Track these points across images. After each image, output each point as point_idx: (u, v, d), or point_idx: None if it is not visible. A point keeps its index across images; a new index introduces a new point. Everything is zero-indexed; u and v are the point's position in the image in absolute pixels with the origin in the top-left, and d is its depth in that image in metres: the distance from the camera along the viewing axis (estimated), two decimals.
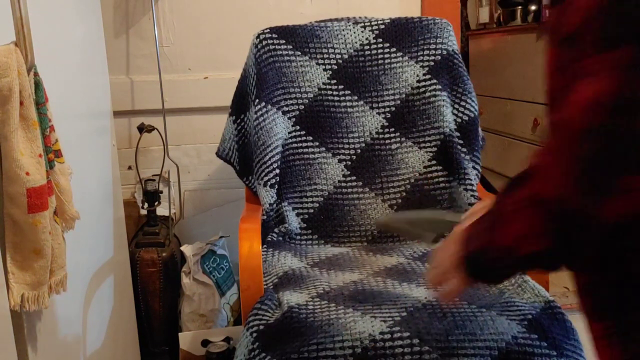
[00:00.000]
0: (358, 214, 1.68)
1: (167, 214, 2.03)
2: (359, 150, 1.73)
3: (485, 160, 1.94)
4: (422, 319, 1.18)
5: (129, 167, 2.08)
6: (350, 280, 1.36)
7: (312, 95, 1.76)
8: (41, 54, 1.11)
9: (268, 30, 1.77)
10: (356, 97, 1.77)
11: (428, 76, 1.76)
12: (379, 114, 1.76)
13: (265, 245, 1.56)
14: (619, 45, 0.60)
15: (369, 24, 1.82)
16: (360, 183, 1.71)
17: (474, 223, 0.80)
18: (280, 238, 1.62)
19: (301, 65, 1.77)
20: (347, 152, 1.73)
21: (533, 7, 2.64)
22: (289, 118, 1.74)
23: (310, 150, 1.73)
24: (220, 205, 2.15)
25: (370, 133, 1.75)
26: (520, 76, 2.78)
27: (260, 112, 1.70)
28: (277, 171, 1.68)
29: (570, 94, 0.63)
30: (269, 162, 1.67)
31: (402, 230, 1.20)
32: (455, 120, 1.74)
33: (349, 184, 1.71)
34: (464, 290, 0.87)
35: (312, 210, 1.69)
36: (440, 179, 1.68)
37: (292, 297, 1.28)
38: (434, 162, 1.70)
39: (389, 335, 1.14)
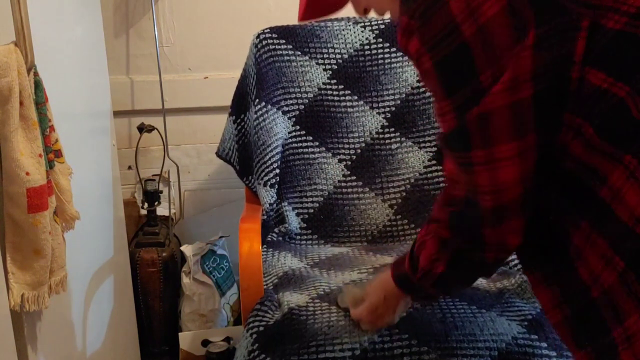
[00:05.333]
0: (358, 214, 1.68)
1: (167, 214, 2.03)
2: (359, 150, 1.73)
3: None
4: (421, 319, 1.18)
5: (129, 167, 2.07)
6: (350, 280, 1.36)
7: (312, 95, 1.76)
8: (41, 54, 1.11)
9: (268, 30, 1.77)
10: (356, 97, 1.77)
11: None
12: (379, 113, 1.76)
13: (265, 246, 1.55)
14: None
15: (369, 23, 1.82)
16: (360, 183, 1.71)
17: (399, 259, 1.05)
18: (280, 238, 1.62)
19: (301, 65, 1.77)
20: (347, 152, 1.73)
21: None
22: (289, 118, 1.74)
23: (310, 150, 1.73)
24: (220, 205, 2.15)
25: (370, 133, 1.75)
26: None
27: (260, 112, 1.70)
28: (277, 171, 1.68)
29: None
30: (269, 162, 1.67)
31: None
32: None
33: (349, 184, 1.71)
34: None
35: (312, 210, 1.69)
36: (441, 179, 1.68)
37: (292, 298, 1.28)
38: (434, 162, 1.70)
39: (388, 337, 1.14)
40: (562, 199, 0.80)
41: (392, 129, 1.74)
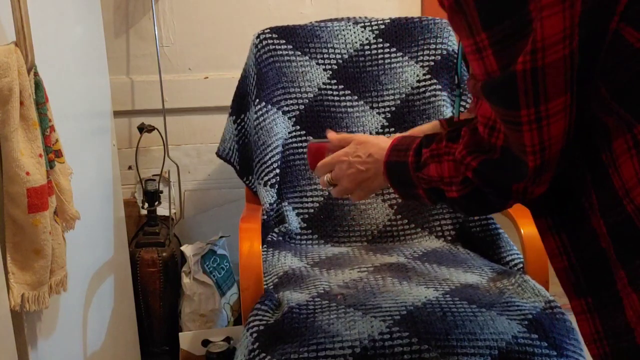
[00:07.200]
0: (358, 213, 1.68)
1: (167, 214, 2.03)
2: None
3: None
4: (421, 318, 1.18)
5: (129, 167, 2.08)
6: (350, 279, 1.36)
7: (312, 95, 1.76)
8: (41, 54, 1.11)
9: (268, 30, 1.77)
10: (356, 97, 1.77)
11: (428, 76, 1.76)
12: (379, 113, 1.76)
13: (265, 245, 1.56)
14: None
15: (369, 24, 1.82)
16: None
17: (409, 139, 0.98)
18: (281, 238, 1.62)
19: (301, 65, 1.77)
20: None
21: None
22: (289, 118, 1.74)
23: None
24: (220, 205, 2.15)
25: (370, 133, 1.74)
26: None
27: (261, 112, 1.70)
28: (277, 171, 1.68)
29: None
30: (269, 162, 1.67)
31: None
32: None
33: None
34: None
35: (312, 210, 1.69)
36: None
37: (292, 297, 1.28)
38: None
39: (389, 335, 1.14)
40: (575, 149, 0.78)
41: (392, 129, 1.75)
